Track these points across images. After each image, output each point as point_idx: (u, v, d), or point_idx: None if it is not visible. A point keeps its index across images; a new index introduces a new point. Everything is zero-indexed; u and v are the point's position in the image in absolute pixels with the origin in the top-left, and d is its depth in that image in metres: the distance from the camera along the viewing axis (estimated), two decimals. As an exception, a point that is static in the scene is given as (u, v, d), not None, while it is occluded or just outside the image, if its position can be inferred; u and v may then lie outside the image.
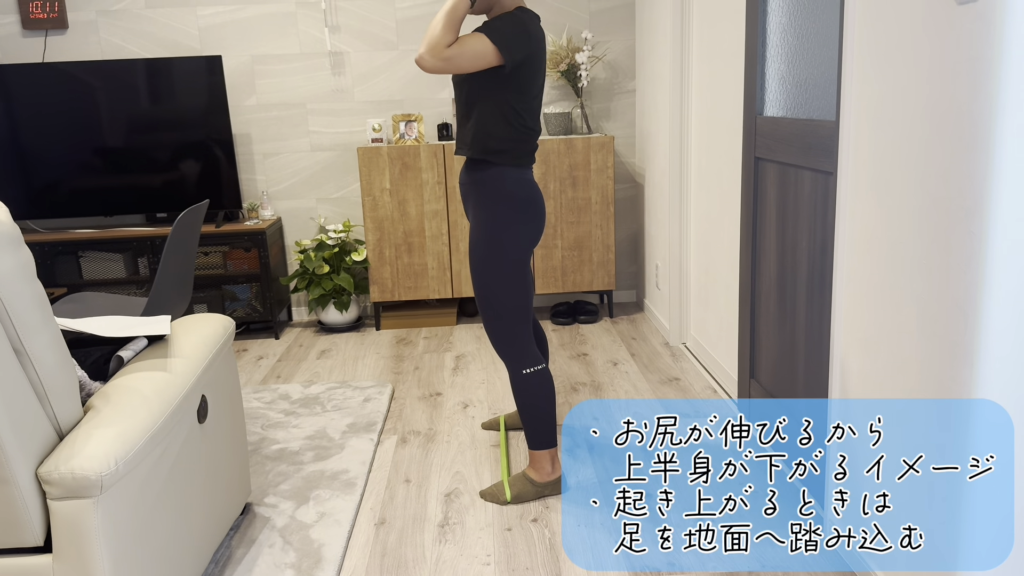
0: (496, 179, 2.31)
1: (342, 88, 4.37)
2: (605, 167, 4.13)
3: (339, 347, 4.10)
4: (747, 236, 2.76)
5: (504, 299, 2.34)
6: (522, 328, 2.38)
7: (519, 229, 2.32)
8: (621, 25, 4.37)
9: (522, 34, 2.21)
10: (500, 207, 2.31)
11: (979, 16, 1.42)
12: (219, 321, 2.21)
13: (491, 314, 2.37)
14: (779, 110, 2.51)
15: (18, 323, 1.46)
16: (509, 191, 2.31)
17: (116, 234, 4.10)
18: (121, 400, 1.67)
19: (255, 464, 2.74)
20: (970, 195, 1.48)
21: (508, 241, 2.31)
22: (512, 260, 2.33)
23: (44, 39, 4.25)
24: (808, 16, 2.28)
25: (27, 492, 1.48)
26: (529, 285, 2.38)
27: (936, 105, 1.57)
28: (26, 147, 4.12)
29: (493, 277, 2.33)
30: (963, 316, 1.52)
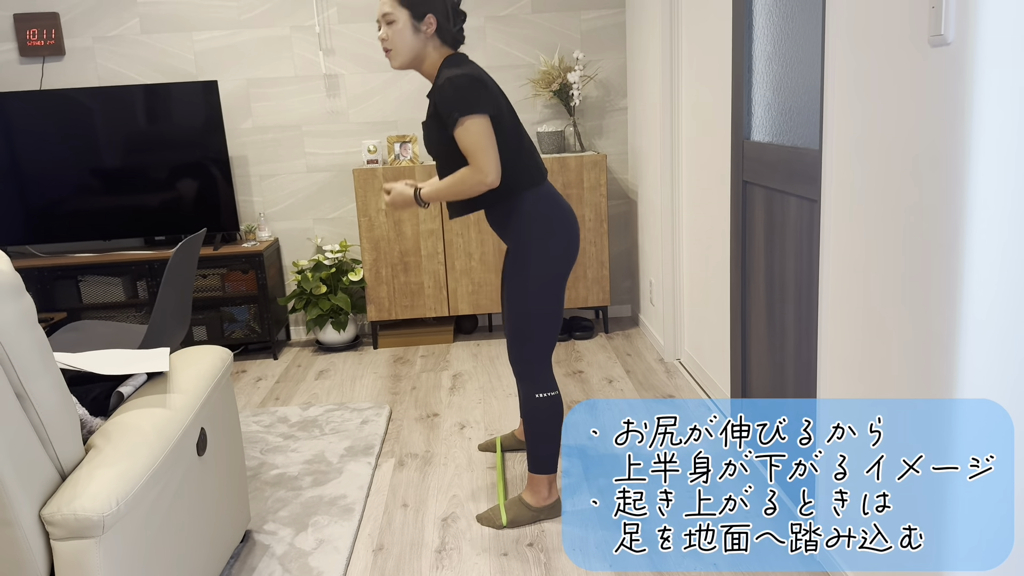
0: (517, 208, 2.29)
1: (337, 110, 4.42)
2: (598, 185, 4.17)
3: (337, 367, 4.14)
4: (736, 258, 2.80)
5: (539, 323, 2.33)
6: (547, 352, 2.38)
7: (550, 244, 2.29)
8: (612, 43, 4.42)
9: (477, 85, 2.16)
10: (530, 230, 2.28)
11: (952, 59, 1.46)
12: (217, 353, 2.24)
13: (521, 337, 2.35)
14: (765, 135, 2.56)
15: (20, 368, 1.50)
16: (533, 212, 2.29)
17: (115, 258, 4.14)
18: (122, 439, 1.71)
19: (254, 490, 2.77)
20: (947, 231, 1.52)
21: (543, 261, 2.29)
22: (551, 279, 2.30)
23: (41, 66, 4.29)
24: (792, 45, 2.32)
25: (30, 533, 1.52)
26: (562, 309, 2.38)
27: (912, 142, 1.61)
28: (25, 174, 4.16)
29: (532, 301, 2.31)
30: (942, 348, 1.56)
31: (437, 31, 2.26)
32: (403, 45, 2.25)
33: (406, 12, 2.23)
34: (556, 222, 2.32)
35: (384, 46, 2.28)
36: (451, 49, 2.31)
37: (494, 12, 4.35)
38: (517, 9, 4.36)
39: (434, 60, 2.29)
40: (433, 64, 2.29)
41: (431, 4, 2.24)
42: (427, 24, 2.24)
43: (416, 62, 2.29)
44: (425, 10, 2.23)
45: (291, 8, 4.29)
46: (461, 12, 2.32)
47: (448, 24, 2.27)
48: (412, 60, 2.28)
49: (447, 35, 2.28)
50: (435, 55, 2.29)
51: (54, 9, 4.23)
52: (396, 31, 2.24)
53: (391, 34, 2.24)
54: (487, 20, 4.35)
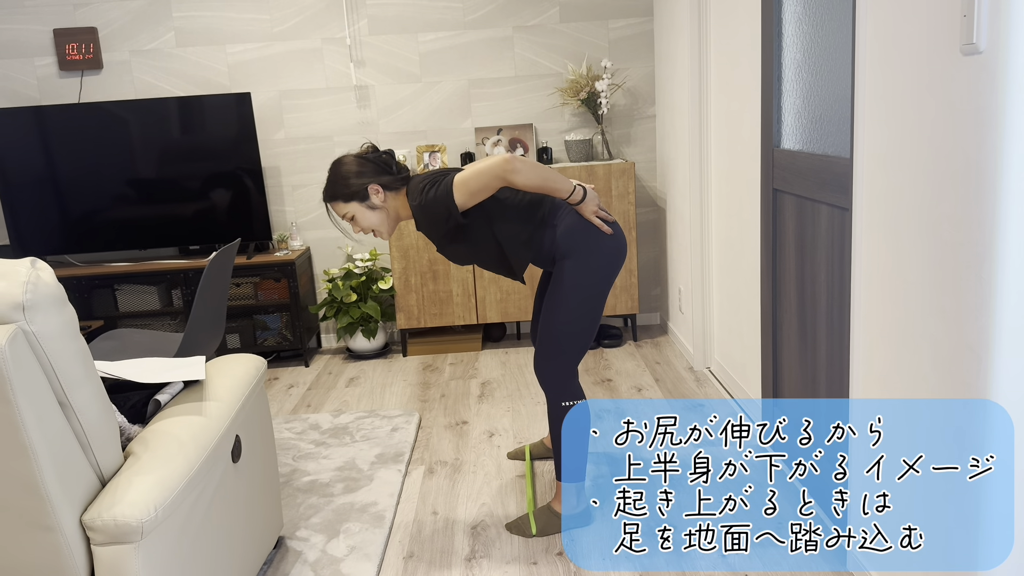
0: (552, 239, 2.35)
1: (367, 121, 4.47)
2: (627, 193, 4.18)
3: (367, 374, 4.17)
4: (767, 266, 2.79)
5: (574, 338, 2.37)
6: (577, 363, 2.42)
7: (593, 257, 2.34)
8: (640, 52, 4.43)
9: (442, 189, 2.23)
10: (575, 251, 2.34)
11: (983, 67, 1.45)
12: (251, 362, 2.28)
13: (555, 348, 2.38)
14: (796, 143, 2.55)
15: (63, 377, 1.54)
16: (573, 224, 2.34)
17: (151, 267, 4.22)
18: (159, 446, 1.75)
19: (287, 496, 2.81)
20: (980, 242, 1.50)
21: (589, 275, 2.34)
22: (595, 293, 2.36)
23: (80, 79, 4.40)
24: (822, 53, 2.31)
25: (72, 538, 1.55)
26: (597, 326, 2.42)
27: (944, 151, 1.60)
28: (64, 184, 4.26)
29: (576, 314, 2.35)
30: (975, 358, 1.54)
31: (385, 189, 2.34)
32: (376, 222, 2.36)
33: (354, 202, 2.33)
34: (594, 232, 2.35)
35: (365, 233, 2.38)
36: (404, 186, 2.38)
37: (522, 22, 4.38)
38: (545, 19, 4.38)
39: (402, 205, 2.37)
40: (404, 208, 2.38)
41: (364, 178, 2.32)
42: (374, 194, 2.33)
43: (394, 220, 2.39)
44: (363, 187, 2.32)
45: (323, 21, 4.36)
46: (385, 155, 2.40)
47: (386, 177, 2.34)
48: (392, 222, 2.38)
49: (393, 184, 2.35)
50: (399, 203, 2.37)
51: (92, 24, 4.33)
52: (362, 219, 2.35)
53: (363, 224, 2.36)
54: (515, 30, 4.38)
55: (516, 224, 2.35)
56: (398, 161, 2.42)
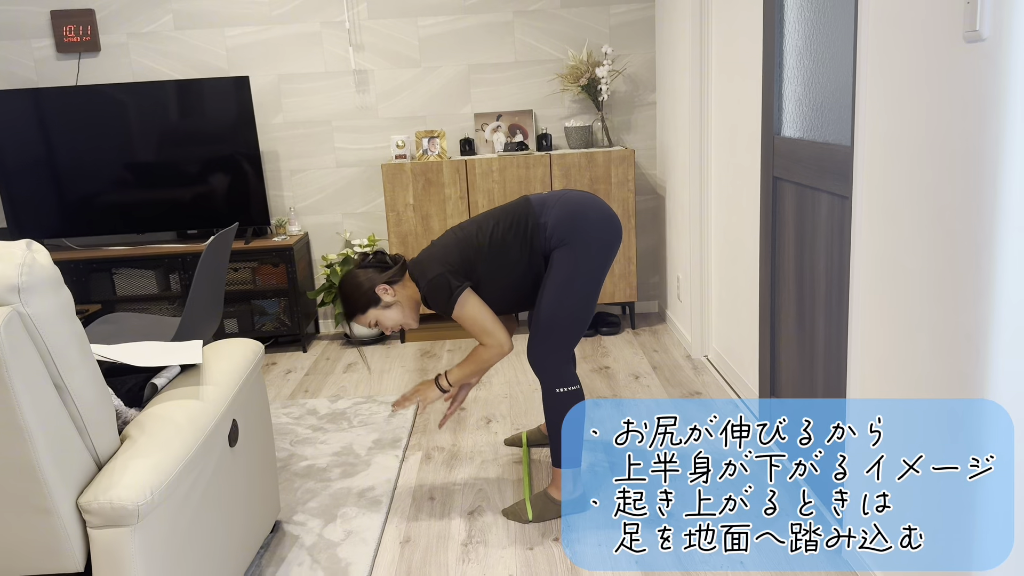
0: (545, 236, 2.40)
1: (366, 105, 4.45)
2: (626, 180, 4.16)
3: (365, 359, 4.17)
4: (766, 254, 2.78)
5: (569, 324, 2.41)
6: (570, 350, 2.47)
7: (584, 247, 2.38)
8: (641, 38, 4.40)
9: (443, 277, 2.34)
10: (567, 240, 2.38)
11: (986, 55, 1.44)
12: (249, 346, 2.28)
13: (548, 336, 2.42)
14: (796, 131, 2.53)
15: (59, 360, 1.54)
16: (558, 224, 2.39)
17: (148, 251, 4.21)
18: (156, 430, 1.74)
19: (284, 481, 2.81)
20: (980, 231, 1.50)
21: (582, 263, 2.38)
22: (589, 280, 2.40)
23: (77, 62, 4.37)
24: (823, 40, 2.30)
25: (68, 521, 1.55)
26: (592, 315, 2.47)
27: (945, 139, 1.59)
28: (61, 167, 4.24)
29: (570, 302, 2.39)
30: (973, 348, 1.54)
31: (393, 286, 2.43)
32: (398, 318, 2.46)
33: (371, 309, 2.43)
34: (584, 221, 2.39)
35: (395, 331, 2.56)
36: (406, 274, 2.47)
37: (523, 7, 4.35)
38: (546, 4, 4.35)
39: (414, 293, 2.47)
40: (415, 291, 2.46)
41: (372, 282, 2.41)
42: (384, 294, 2.41)
43: (414, 307, 2.48)
44: (372, 289, 2.41)
45: (321, 4, 4.33)
46: (377, 255, 2.50)
47: (389, 275, 2.43)
48: (412, 313, 2.48)
49: (396, 276, 2.44)
50: (409, 290, 2.46)
51: (90, 6, 4.30)
52: (384, 320, 2.45)
53: (387, 324, 2.46)
54: (515, 15, 4.36)
55: (512, 260, 2.41)
56: (389, 254, 2.53)
